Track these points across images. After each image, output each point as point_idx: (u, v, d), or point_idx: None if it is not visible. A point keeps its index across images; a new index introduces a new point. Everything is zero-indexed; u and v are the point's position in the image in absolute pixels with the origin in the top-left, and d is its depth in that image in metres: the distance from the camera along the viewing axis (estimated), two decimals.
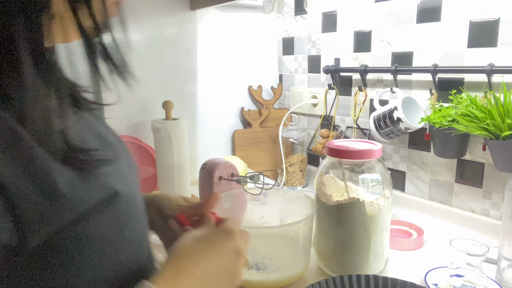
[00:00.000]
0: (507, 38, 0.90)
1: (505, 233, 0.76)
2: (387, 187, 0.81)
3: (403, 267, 0.87)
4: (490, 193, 0.98)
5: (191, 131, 1.40)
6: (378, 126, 1.09)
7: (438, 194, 1.09)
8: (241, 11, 1.45)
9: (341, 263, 0.82)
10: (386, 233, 0.83)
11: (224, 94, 1.47)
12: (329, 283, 0.70)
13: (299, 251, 0.81)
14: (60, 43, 0.42)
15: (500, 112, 0.81)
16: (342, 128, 1.33)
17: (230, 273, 0.51)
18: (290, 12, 1.47)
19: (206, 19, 1.37)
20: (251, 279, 0.77)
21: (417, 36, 1.07)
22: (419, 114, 1.05)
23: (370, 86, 1.22)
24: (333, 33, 1.31)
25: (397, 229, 1.03)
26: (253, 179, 0.90)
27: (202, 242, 0.51)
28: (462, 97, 0.92)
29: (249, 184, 0.95)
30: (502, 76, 0.91)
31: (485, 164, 0.98)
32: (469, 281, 0.71)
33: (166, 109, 1.17)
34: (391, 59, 1.14)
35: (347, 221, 0.79)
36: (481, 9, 0.93)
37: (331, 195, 0.82)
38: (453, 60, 1.00)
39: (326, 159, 0.86)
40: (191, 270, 0.47)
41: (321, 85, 1.40)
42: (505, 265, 0.77)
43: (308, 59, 1.43)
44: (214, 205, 0.62)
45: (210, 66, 1.41)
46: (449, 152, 0.97)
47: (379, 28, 1.16)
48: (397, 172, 1.18)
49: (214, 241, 0.51)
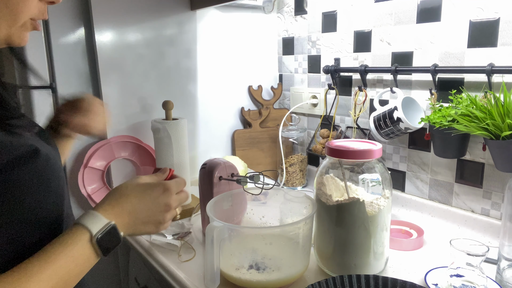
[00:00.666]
0: (507, 38, 0.90)
1: (505, 233, 0.76)
2: (387, 187, 0.81)
3: (403, 267, 0.87)
4: (490, 193, 0.98)
5: (191, 131, 1.40)
6: (378, 126, 1.09)
7: (438, 194, 1.09)
8: (241, 11, 1.45)
9: (341, 263, 0.82)
10: (386, 233, 0.83)
11: (224, 94, 1.47)
12: (329, 283, 0.71)
13: (299, 251, 0.81)
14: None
15: (500, 112, 0.81)
16: (342, 128, 1.33)
17: (157, 219, 0.62)
18: (290, 12, 1.47)
19: (206, 19, 1.37)
20: (251, 279, 0.77)
21: (417, 36, 1.07)
22: (419, 114, 1.05)
23: (370, 86, 1.22)
24: (333, 33, 1.31)
25: (397, 229, 1.03)
26: (253, 179, 0.90)
27: (142, 187, 0.62)
28: (462, 97, 0.92)
29: (249, 184, 0.95)
30: (502, 76, 0.91)
31: (485, 164, 0.98)
32: (469, 281, 0.71)
33: (166, 109, 1.17)
34: (391, 59, 1.14)
35: (347, 221, 0.79)
36: (481, 9, 0.93)
37: (331, 195, 0.82)
38: (453, 60, 1.00)
39: (326, 159, 0.86)
40: (126, 206, 0.59)
41: (321, 85, 1.40)
42: (505, 265, 0.77)
43: (308, 59, 1.43)
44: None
45: (210, 66, 1.41)
46: (449, 152, 0.97)
47: (379, 28, 1.16)
48: (397, 172, 1.18)
49: (152, 190, 0.63)
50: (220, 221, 0.74)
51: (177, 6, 1.30)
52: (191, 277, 0.84)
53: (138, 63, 1.25)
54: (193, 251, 0.94)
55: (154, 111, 1.30)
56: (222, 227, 0.73)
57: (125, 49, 1.22)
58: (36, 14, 0.53)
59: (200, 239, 1.01)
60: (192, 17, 1.34)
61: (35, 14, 0.53)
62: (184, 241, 0.98)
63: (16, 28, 0.51)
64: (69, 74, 1.17)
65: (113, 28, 1.19)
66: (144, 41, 1.25)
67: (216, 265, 0.74)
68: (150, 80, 1.28)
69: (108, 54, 1.19)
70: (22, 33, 0.53)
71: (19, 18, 0.50)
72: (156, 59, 1.29)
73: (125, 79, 1.24)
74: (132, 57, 1.24)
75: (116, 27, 1.19)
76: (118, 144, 1.22)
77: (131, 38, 1.23)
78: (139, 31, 1.24)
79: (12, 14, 0.49)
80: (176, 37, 1.32)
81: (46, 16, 0.55)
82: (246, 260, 0.80)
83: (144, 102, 1.28)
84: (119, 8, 1.19)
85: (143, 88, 1.28)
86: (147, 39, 1.26)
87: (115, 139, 1.22)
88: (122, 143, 1.23)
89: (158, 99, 1.30)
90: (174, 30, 1.31)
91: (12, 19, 0.49)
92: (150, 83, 1.29)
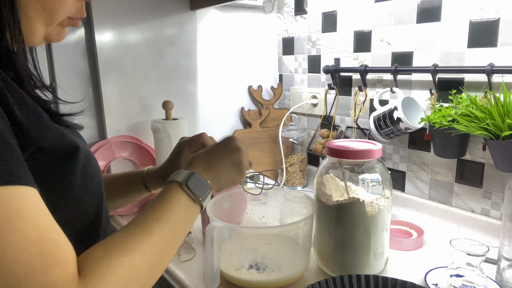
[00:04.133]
0: (507, 38, 0.90)
1: (505, 233, 0.76)
2: (387, 187, 0.81)
3: (403, 267, 0.87)
4: (490, 193, 0.98)
5: (191, 131, 1.40)
6: (378, 126, 1.09)
7: (438, 194, 1.09)
8: (241, 11, 1.45)
9: (341, 263, 0.82)
10: (386, 233, 0.83)
11: (224, 94, 1.47)
12: (329, 283, 0.70)
13: (299, 251, 0.81)
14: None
15: (500, 112, 0.81)
16: (342, 128, 1.33)
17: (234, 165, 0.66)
18: (290, 12, 1.47)
19: (206, 19, 1.37)
20: (251, 279, 0.77)
21: (417, 36, 1.07)
22: (419, 114, 1.05)
23: (370, 86, 1.22)
24: (333, 33, 1.31)
25: (397, 229, 1.03)
26: (253, 179, 0.90)
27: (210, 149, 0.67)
28: (462, 97, 0.92)
29: (249, 184, 0.95)
30: (502, 76, 0.91)
31: (485, 164, 0.98)
32: (469, 281, 0.71)
33: (166, 109, 1.17)
34: (391, 59, 1.14)
35: (347, 221, 0.79)
36: (481, 9, 0.93)
37: (331, 195, 0.82)
38: (453, 60, 1.00)
39: (326, 159, 0.86)
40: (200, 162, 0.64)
41: (321, 85, 1.40)
42: (505, 265, 0.77)
43: (308, 59, 1.43)
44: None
45: (210, 66, 1.41)
46: (449, 152, 0.97)
47: (379, 28, 1.16)
48: (397, 172, 1.18)
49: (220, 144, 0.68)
50: (220, 221, 0.74)
51: (177, 6, 1.30)
52: (191, 277, 0.84)
53: (138, 63, 1.25)
54: (193, 251, 0.94)
55: (154, 111, 1.30)
56: (222, 227, 0.73)
57: (125, 49, 1.22)
58: (73, 13, 0.53)
59: (200, 239, 1.01)
60: (192, 17, 1.34)
61: (72, 13, 0.53)
62: (184, 241, 0.98)
63: (53, 27, 0.52)
64: (69, 74, 1.17)
65: (113, 28, 1.19)
66: (144, 41, 1.25)
67: (216, 265, 0.74)
68: (150, 80, 1.28)
69: (108, 54, 1.19)
70: (59, 30, 0.53)
71: (55, 17, 0.50)
72: (156, 59, 1.29)
73: (125, 79, 1.24)
74: (132, 57, 1.24)
75: (116, 27, 1.19)
76: (118, 144, 1.22)
77: (131, 38, 1.23)
78: (139, 31, 1.24)
79: (50, 14, 0.49)
80: (176, 37, 1.32)
81: (84, 14, 0.55)
82: (246, 260, 0.80)
83: (144, 102, 1.28)
84: (119, 8, 1.19)
85: (143, 88, 1.28)
86: (147, 39, 1.26)
87: (115, 139, 1.22)
88: (122, 143, 1.23)
89: (158, 99, 1.30)
90: (174, 30, 1.31)
91: (49, 19, 0.50)
92: (150, 83, 1.29)
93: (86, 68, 1.19)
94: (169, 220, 0.54)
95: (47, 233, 0.40)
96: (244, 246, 0.81)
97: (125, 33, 1.21)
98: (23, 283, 0.37)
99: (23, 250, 0.37)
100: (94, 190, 0.57)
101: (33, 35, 0.50)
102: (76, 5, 0.53)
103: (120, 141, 1.22)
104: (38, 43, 0.52)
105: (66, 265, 0.41)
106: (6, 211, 0.37)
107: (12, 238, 0.37)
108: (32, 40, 0.50)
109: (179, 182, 0.59)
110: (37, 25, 0.49)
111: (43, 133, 0.47)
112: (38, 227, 0.39)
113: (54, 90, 1.13)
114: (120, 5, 1.19)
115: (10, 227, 0.37)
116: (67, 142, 0.50)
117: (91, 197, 0.56)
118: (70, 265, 0.41)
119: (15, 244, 0.37)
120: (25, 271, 0.37)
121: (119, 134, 1.24)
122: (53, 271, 0.39)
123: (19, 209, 0.38)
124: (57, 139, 0.49)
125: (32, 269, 0.37)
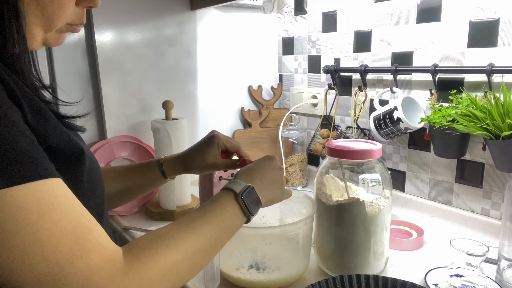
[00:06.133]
0: (507, 38, 0.90)
1: (505, 233, 0.76)
2: (387, 187, 0.81)
3: (403, 267, 0.87)
4: (490, 193, 0.98)
5: (191, 131, 1.40)
6: (378, 126, 1.09)
7: (438, 194, 1.09)
8: (241, 11, 1.45)
9: (341, 263, 0.82)
10: (386, 233, 0.83)
11: (224, 94, 1.47)
12: (329, 283, 0.70)
13: (299, 251, 0.81)
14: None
15: (500, 112, 0.81)
16: (342, 128, 1.33)
17: (278, 182, 0.69)
18: (290, 12, 1.47)
19: (206, 19, 1.37)
20: (251, 279, 0.77)
21: (417, 36, 1.07)
22: (419, 114, 1.05)
23: (370, 86, 1.22)
24: (333, 33, 1.31)
25: (397, 229, 1.03)
26: None
27: (255, 166, 0.70)
28: (462, 97, 0.92)
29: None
30: (502, 76, 0.91)
31: (485, 164, 0.98)
32: (469, 281, 0.71)
33: (166, 109, 1.16)
34: (391, 59, 1.14)
35: (347, 221, 0.79)
36: (481, 9, 0.93)
37: (331, 195, 0.82)
38: (453, 60, 1.00)
39: (326, 159, 0.86)
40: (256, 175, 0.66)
41: (321, 85, 1.40)
42: (505, 265, 0.77)
43: (308, 59, 1.43)
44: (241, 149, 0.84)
45: (210, 66, 1.41)
46: (449, 152, 0.97)
47: (379, 28, 1.16)
48: (397, 172, 1.18)
49: (263, 162, 0.70)
50: None
51: (177, 6, 1.30)
52: None
53: (138, 63, 1.25)
54: None
55: (154, 111, 1.30)
56: None
57: (125, 49, 1.22)
58: (72, 19, 0.53)
59: None
60: (192, 17, 1.34)
61: (71, 19, 0.53)
62: None
63: (52, 33, 0.52)
64: (69, 74, 1.17)
65: (113, 28, 1.19)
66: (144, 41, 1.25)
67: (216, 265, 0.74)
68: (150, 80, 1.28)
69: (108, 54, 1.19)
70: (58, 35, 0.54)
71: (54, 24, 0.51)
72: (156, 59, 1.29)
73: (125, 79, 1.24)
74: (132, 57, 1.24)
75: (116, 27, 1.19)
76: (118, 144, 1.22)
77: (131, 38, 1.23)
78: (139, 31, 1.24)
79: (49, 21, 0.50)
80: (176, 37, 1.32)
81: (84, 20, 0.55)
82: (246, 260, 0.80)
83: (144, 102, 1.28)
84: (119, 8, 1.19)
85: (143, 88, 1.28)
86: (147, 39, 1.26)
87: (115, 139, 1.22)
88: (122, 143, 1.23)
89: (158, 99, 1.30)
90: (174, 30, 1.31)
91: (48, 25, 0.50)
92: (150, 83, 1.29)
93: (86, 68, 1.19)
94: (217, 225, 0.57)
95: (80, 221, 0.43)
96: (244, 246, 0.81)
97: (125, 33, 1.21)
98: (66, 269, 0.40)
99: (61, 240, 0.40)
100: (98, 192, 0.58)
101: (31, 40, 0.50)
102: (76, 12, 0.53)
103: (120, 141, 1.22)
104: (36, 48, 0.52)
105: (103, 249, 0.43)
106: (40, 206, 0.40)
107: (49, 231, 0.40)
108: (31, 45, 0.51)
109: (236, 192, 0.61)
110: (36, 31, 0.50)
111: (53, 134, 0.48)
112: (71, 217, 0.42)
113: (54, 91, 1.14)
114: (120, 5, 1.19)
115: (46, 220, 0.40)
116: (74, 145, 0.51)
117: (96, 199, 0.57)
118: (107, 249, 0.44)
119: (53, 236, 0.40)
120: (66, 257, 0.40)
121: (119, 134, 1.24)
122: (92, 255, 0.42)
123: (51, 202, 0.41)
124: (65, 142, 0.50)
125: (72, 255, 0.40)
